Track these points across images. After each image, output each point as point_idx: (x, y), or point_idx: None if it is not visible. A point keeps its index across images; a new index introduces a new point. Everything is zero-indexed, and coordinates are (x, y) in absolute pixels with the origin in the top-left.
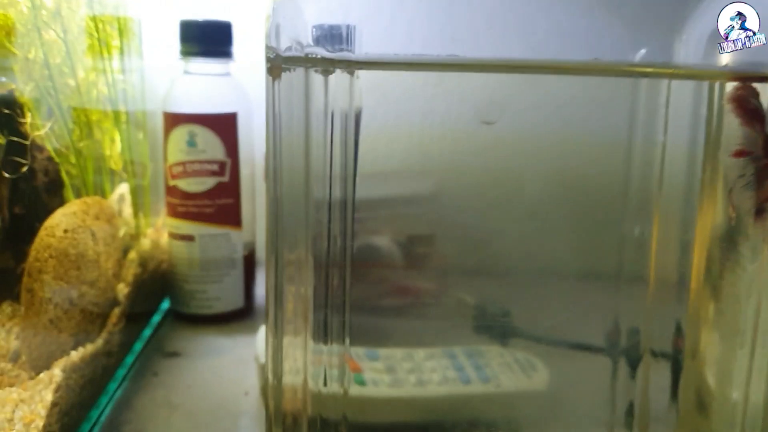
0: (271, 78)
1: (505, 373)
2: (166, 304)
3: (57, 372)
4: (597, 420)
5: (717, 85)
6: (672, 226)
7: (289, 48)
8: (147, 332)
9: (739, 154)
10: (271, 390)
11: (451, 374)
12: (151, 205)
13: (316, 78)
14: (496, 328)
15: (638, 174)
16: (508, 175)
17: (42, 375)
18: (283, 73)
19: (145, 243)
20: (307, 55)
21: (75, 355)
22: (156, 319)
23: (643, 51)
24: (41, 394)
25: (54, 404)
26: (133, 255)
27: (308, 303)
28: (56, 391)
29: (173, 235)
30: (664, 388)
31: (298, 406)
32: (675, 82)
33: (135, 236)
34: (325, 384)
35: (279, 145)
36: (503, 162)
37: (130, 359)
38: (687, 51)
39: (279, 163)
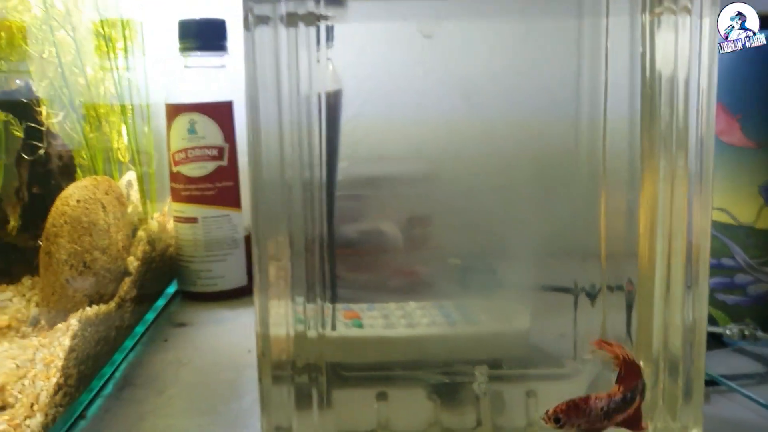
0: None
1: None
2: (172, 288)
3: (73, 322)
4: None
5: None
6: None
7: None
8: (155, 310)
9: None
10: (259, 338)
11: (439, 318)
12: (157, 192)
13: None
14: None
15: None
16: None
17: (60, 324)
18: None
19: (153, 225)
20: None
21: (90, 311)
22: (161, 302)
23: None
24: (59, 339)
25: (71, 349)
26: (141, 234)
27: (287, 271)
28: (73, 338)
29: (178, 219)
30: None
31: (282, 349)
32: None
33: (143, 218)
34: (306, 330)
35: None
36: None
37: (141, 328)
38: None
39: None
